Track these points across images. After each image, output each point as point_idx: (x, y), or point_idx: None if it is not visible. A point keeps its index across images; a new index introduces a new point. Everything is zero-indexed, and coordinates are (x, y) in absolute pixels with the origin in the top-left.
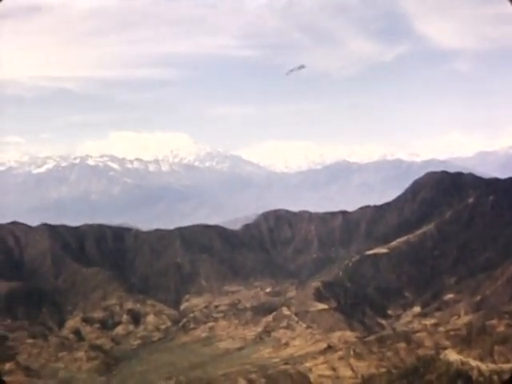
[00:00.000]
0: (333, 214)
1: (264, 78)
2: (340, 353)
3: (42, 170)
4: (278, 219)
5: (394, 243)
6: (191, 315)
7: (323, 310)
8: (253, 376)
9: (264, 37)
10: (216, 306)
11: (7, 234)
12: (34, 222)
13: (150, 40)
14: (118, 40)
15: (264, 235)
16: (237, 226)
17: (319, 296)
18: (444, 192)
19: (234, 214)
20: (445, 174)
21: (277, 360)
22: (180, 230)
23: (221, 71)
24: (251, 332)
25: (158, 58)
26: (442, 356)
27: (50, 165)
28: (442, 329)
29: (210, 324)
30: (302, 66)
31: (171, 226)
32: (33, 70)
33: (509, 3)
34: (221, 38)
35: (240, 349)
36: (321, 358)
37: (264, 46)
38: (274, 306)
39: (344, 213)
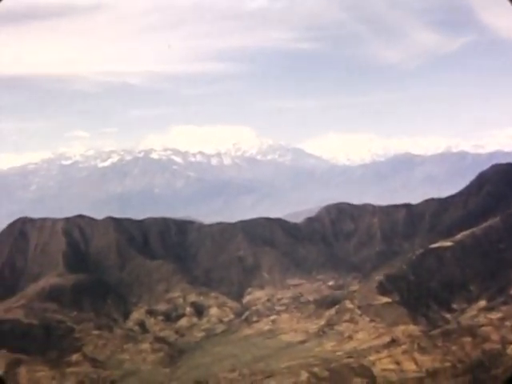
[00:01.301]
0: (396, 206)
1: (326, 70)
2: (404, 347)
3: (107, 163)
4: (341, 212)
5: (458, 236)
6: (254, 308)
7: (387, 303)
8: (315, 369)
9: (325, 29)
10: (278, 299)
11: (73, 227)
12: (98, 215)
13: (212, 34)
14: (180, 34)
15: (326, 228)
16: (299, 219)
17: (382, 289)
18: (510, 184)
19: (296, 207)
20: (510, 167)
21: (340, 353)
22: (242, 223)
23: (283, 64)
24: (314, 325)
25: (221, 51)
26: (508, 350)
27: (115, 159)
28: (508, 323)
29: (273, 317)
30: None
31: (234, 219)
32: (97, 65)
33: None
34: (282, 30)
35: (303, 342)
36: (384, 352)
37: (325, 38)
38: (336, 300)
39: (408, 206)
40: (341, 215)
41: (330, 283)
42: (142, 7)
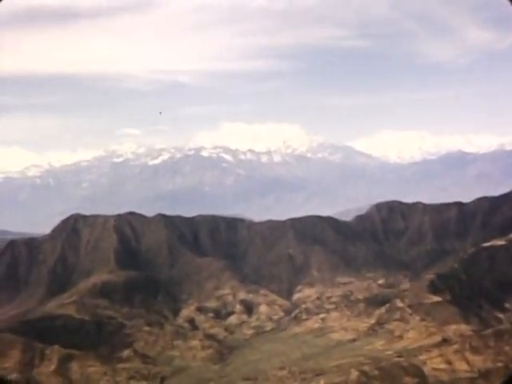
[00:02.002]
0: (448, 205)
1: (376, 67)
2: (455, 346)
3: (158, 161)
4: (391, 210)
5: (511, 235)
6: (303, 306)
7: (438, 302)
8: (366, 368)
9: (375, 26)
10: (328, 297)
11: (124, 224)
12: (149, 212)
13: (261, 32)
14: (230, 32)
15: (377, 226)
16: (349, 217)
17: (433, 288)
18: None
19: (346, 205)
20: None
21: (390, 352)
22: (292, 220)
23: (332, 62)
24: (364, 324)
25: (270, 49)
26: None
27: (165, 156)
28: None
29: (322, 315)
30: None
31: (283, 217)
32: (148, 63)
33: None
34: (332, 28)
35: (352, 340)
36: (435, 351)
37: (375, 36)
38: (386, 298)
39: (459, 204)
40: (391, 213)
41: (380, 282)
42: (191, 5)
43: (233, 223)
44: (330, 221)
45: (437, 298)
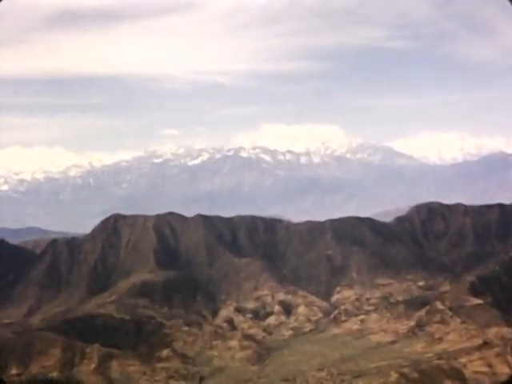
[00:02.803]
0: (489, 206)
1: (416, 68)
2: (496, 349)
3: (197, 162)
4: (431, 212)
5: None
6: (342, 307)
7: (478, 305)
8: (405, 370)
9: (416, 27)
10: (367, 299)
11: (164, 225)
12: (188, 212)
13: (301, 32)
14: (269, 33)
15: (416, 228)
16: (388, 219)
17: (474, 291)
18: None
19: (385, 206)
20: None
21: (430, 355)
22: (331, 221)
23: (372, 62)
24: (403, 326)
25: (309, 50)
26: None
27: (205, 157)
28: None
29: (362, 317)
30: None
31: (322, 218)
32: (188, 64)
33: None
34: (372, 28)
35: (392, 342)
36: (476, 354)
37: (415, 36)
38: (426, 300)
39: (501, 206)
40: (432, 215)
41: (420, 283)
42: (231, 6)
43: (271, 224)
44: (369, 222)
45: (478, 301)
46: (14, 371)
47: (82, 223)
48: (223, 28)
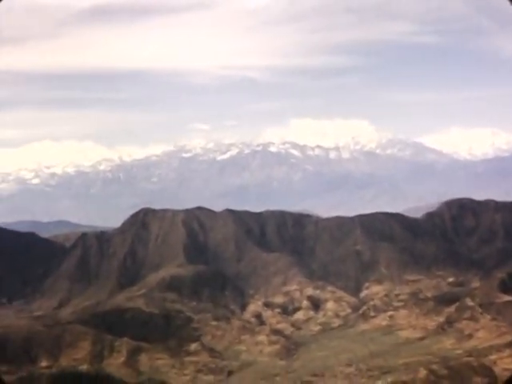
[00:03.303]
0: None
1: (447, 63)
2: None
3: (226, 156)
4: (462, 208)
5: None
6: (371, 303)
7: (509, 301)
8: (434, 367)
9: (446, 21)
10: (396, 295)
11: (193, 219)
12: (217, 207)
13: (330, 27)
14: (299, 28)
15: (446, 224)
16: (418, 214)
17: (505, 287)
18: None
19: (415, 202)
20: None
21: (459, 351)
22: (360, 217)
23: (402, 57)
24: (433, 322)
25: (339, 45)
26: None
27: (234, 151)
28: None
29: (391, 312)
30: None
31: (351, 214)
32: (217, 59)
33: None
34: (401, 23)
35: (421, 339)
36: (506, 351)
37: (447, 31)
38: (456, 297)
39: None
40: (462, 211)
41: (450, 280)
42: (260, 1)
43: (300, 219)
44: (398, 218)
45: (508, 297)
46: (44, 363)
47: (112, 217)
48: (252, 22)
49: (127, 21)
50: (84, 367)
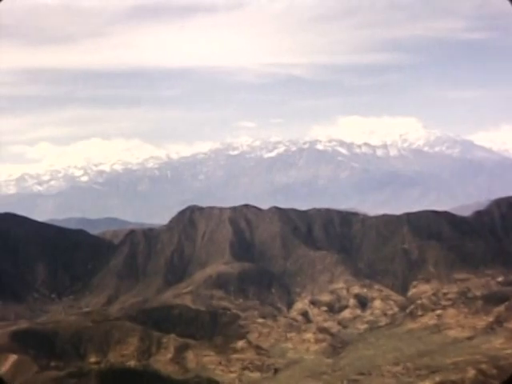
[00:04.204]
0: None
1: (496, 60)
2: None
3: (273, 154)
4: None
5: None
6: (419, 302)
7: None
8: (483, 366)
9: (494, 17)
10: (444, 294)
11: (239, 217)
12: (263, 205)
13: (377, 24)
14: (345, 25)
15: (496, 222)
16: (467, 213)
17: None
18: None
19: (464, 200)
20: None
21: (509, 351)
22: (408, 215)
23: (450, 54)
24: (481, 321)
25: (386, 42)
26: None
27: (280, 149)
28: None
29: (439, 311)
30: None
31: (399, 212)
32: (263, 57)
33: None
34: (450, 20)
35: (470, 338)
36: None
37: (494, 27)
38: (505, 296)
39: None
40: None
41: (499, 279)
42: None
43: (347, 217)
44: (446, 216)
45: None
46: (92, 359)
47: (159, 214)
48: (299, 20)
49: (174, 19)
50: (132, 363)
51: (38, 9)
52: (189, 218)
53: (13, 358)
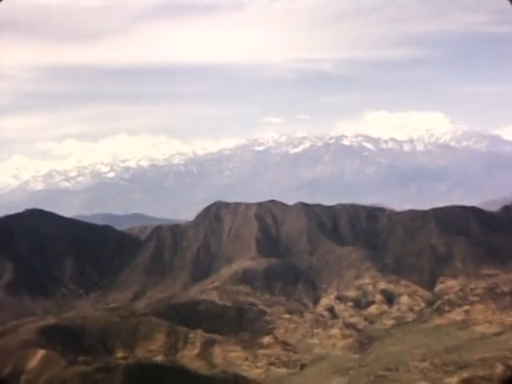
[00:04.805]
0: None
1: None
2: None
3: (299, 149)
4: None
5: None
6: (446, 297)
7: None
8: None
9: None
10: (472, 289)
11: (265, 213)
12: (289, 200)
13: (404, 19)
14: (372, 20)
15: None
16: (494, 208)
17: None
18: None
19: (491, 195)
20: None
21: None
22: (435, 210)
23: (477, 48)
24: (510, 317)
25: (413, 37)
26: None
27: (306, 145)
28: None
29: (466, 307)
30: None
31: (425, 207)
32: (290, 53)
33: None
34: (477, 14)
35: (498, 334)
36: None
37: None
38: None
39: None
40: None
41: None
42: None
43: (373, 212)
44: (474, 211)
45: None
46: (120, 354)
47: (185, 210)
48: (326, 15)
49: (200, 15)
50: (158, 358)
51: (63, 6)
52: (215, 213)
53: (41, 353)
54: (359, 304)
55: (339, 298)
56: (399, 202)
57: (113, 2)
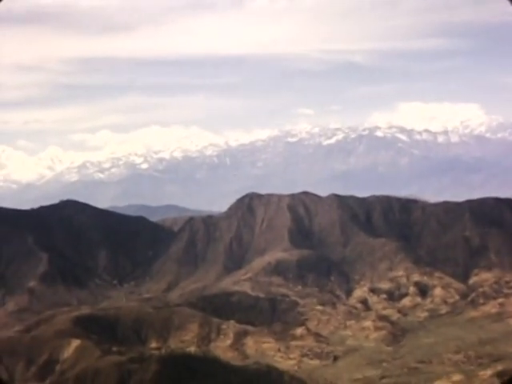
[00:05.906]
0: None
1: None
2: None
3: (332, 141)
4: None
5: None
6: (480, 290)
7: None
8: None
9: None
10: (507, 282)
11: (298, 204)
12: (322, 192)
13: (438, 9)
14: (405, 10)
15: None
16: None
17: None
18: None
19: None
20: None
21: None
22: (469, 202)
23: None
24: None
25: (447, 27)
26: None
27: (340, 136)
28: None
29: (501, 300)
30: None
31: (460, 199)
32: (322, 43)
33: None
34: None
35: None
36: None
37: None
38: None
39: None
40: None
41: None
42: None
43: (407, 204)
44: (509, 203)
45: None
46: (153, 345)
47: (218, 201)
48: (358, 6)
49: (231, 6)
50: (192, 349)
51: None
52: (247, 205)
53: (76, 342)
54: (392, 296)
55: (372, 290)
56: (433, 193)
57: None
